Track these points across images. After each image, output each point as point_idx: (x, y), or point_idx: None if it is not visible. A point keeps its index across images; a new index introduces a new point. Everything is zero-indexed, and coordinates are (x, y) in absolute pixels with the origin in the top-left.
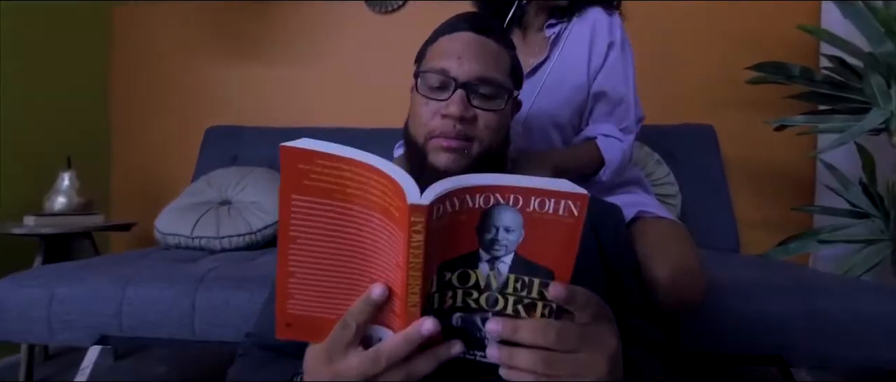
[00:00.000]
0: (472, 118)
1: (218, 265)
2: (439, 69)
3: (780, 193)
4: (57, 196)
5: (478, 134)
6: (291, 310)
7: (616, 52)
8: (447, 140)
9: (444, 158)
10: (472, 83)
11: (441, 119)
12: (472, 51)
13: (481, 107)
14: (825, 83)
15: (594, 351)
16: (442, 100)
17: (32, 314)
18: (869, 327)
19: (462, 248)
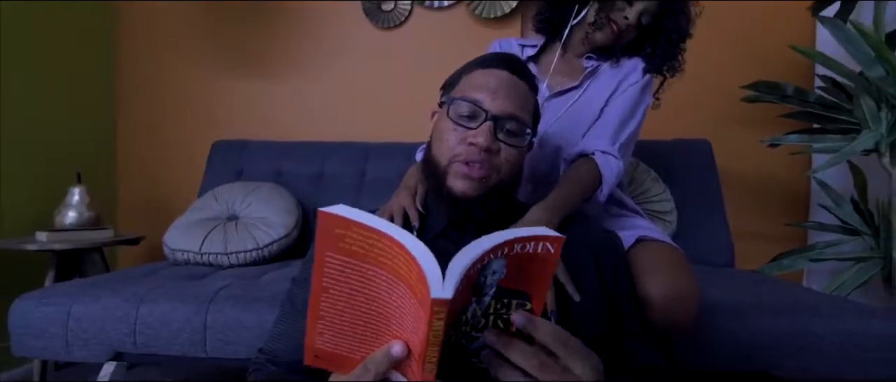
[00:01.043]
0: (497, 150)
1: (228, 283)
2: (472, 99)
3: (775, 208)
4: (68, 211)
5: (499, 165)
6: (319, 345)
7: (636, 88)
8: (469, 167)
9: (462, 185)
10: (501, 118)
11: (467, 146)
12: (505, 88)
13: (506, 141)
14: (817, 103)
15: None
16: (470, 128)
17: (50, 331)
18: (856, 347)
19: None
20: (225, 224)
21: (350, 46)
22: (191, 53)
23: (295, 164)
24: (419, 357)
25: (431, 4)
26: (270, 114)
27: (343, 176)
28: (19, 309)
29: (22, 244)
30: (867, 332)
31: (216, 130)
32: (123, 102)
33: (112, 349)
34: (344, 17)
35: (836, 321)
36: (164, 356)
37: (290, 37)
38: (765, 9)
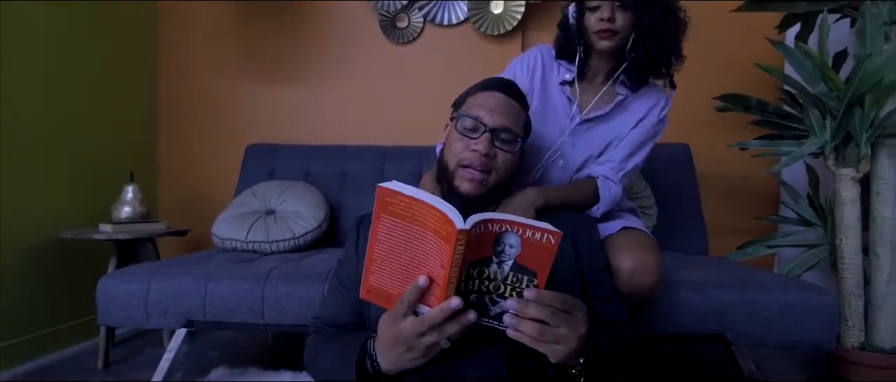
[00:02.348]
0: (494, 155)
1: (276, 265)
2: (475, 116)
3: (747, 204)
4: (123, 206)
5: (496, 167)
6: (372, 283)
7: (650, 124)
8: (472, 172)
9: (467, 186)
10: (497, 129)
11: (470, 152)
12: (501, 108)
13: (501, 148)
14: (775, 113)
15: (570, 330)
16: (473, 139)
17: (132, 303)
18: (794, 314)
19: (482, 254)
20: (265, 217)
21: (368, 60)
22: (225, 65)
23: (321, 165)
24: (443, 284)
25: (441, 22)
26: (297, 120)
27: (364, 175)
28: (105, 286)
29: (90, 234)
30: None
31: (248, 134)
32: (163, 109)
33: (185, 317)
34: (363, 33)
35: (775, 293)
36: (228, 323)
37: (314, 51)
38: (741, 29)
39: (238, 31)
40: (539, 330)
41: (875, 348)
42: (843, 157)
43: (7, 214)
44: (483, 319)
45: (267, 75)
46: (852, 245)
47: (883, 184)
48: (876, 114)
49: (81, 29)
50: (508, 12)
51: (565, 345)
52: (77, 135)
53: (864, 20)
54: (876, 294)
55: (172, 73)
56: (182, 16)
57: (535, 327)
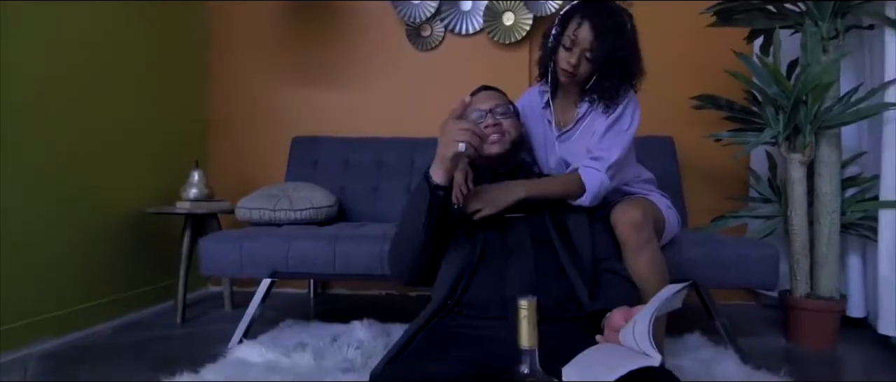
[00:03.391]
0: (499, 122)
1: (342, 229)
2: (476, 108)
3: (722, 187)
4: (191, 188)
5: (505, 129)
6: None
7: (613, 118)
8: (492, 137)
9: (495, 147)
10: (492, 109)
11: (486, 128)
12: (487, 96)
13: (501, 116)
14: (740, 110)
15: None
16: (482, 121)
17: (229, 258)
18: (745, 263)
19: None
20: (286, 195)
21: (397, 64)
22: (270, 67)
23: (359, 155)
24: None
25: (459, 32)
26: (335, 116)
27: (397, 164)
28: (206, 245)
29: (170, 209)
30: (754, 255)
31: (291, 129)
32: (215, 109)
33: (271, 268)
34: (392, 41)
35: (731, 248)
36: (307, 272)
37: (349, 55)
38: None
39: (281, 35)
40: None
41: (817, 296)
42: (792, 145)
43: (98, 192)
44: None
45: (308, 76)
46: (800, 215)
47: (824, 167)
48: (817, 109)
49: (151, 37)
50: (518, 24)
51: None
52: (146, 129)
53: (806, 36)
54: (819, 254)
55: (222, 73)
56: (229, 18)
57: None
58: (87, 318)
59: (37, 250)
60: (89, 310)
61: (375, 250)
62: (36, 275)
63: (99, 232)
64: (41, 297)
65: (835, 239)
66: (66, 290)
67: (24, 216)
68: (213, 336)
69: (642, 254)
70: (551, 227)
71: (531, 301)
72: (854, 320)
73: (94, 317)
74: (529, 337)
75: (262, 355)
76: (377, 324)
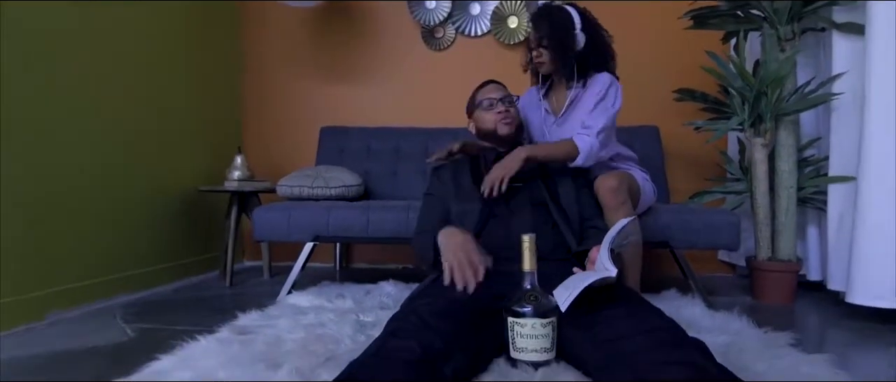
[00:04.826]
0: (508, 109)
1: (371, 203)
2: (487, 98)
3: (700, 170)
4: (234, 170)
5: (513, 114)
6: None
7: (594, 94)
8: (505, 118)
9: (506, 128)
10: (503, 98)
11: (498, 113)
12: (495, 88)
13: (509, 105)
14: (713, 101)
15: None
16: (494, 108)
17: (279, 224)
18: (712, 227)
19: None
20: (321, 175)
21: (412, 62)
22: (298, 64)
23: (380, 143)
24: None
25: (469, 34)
26: (358, 109)
27: (414, 151)
28: (259, 213)
29: (220, 187)
30: (721, 221)
31: (318, 120)
32: (249, 101)
33: (314, 233)
34: (407, 41)
35: (700, 215)
36: (344, 236)
37: (368, 54)
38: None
39: (309, 35)
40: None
41: (777, 259)
42: (756, 131)
43: (159, 172)
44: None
45: (333, 73)
46: (762, 191)
47: (782, 149)
48: (776, 99)
49: (193, 35)
50: (521, 27)
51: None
52: (194, 117)
53: (765, 37)
54: (778, 223)
55: (255, 71)
56: (260, 18)
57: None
58: (152, 279)
59: (114, 217)
60: (153, 273)
61: (402, 217)
62: (113, 239)
63: (160, 207)
64: (117, 258)
65: (792, 210)
66: (133, 255)
67: (101, 192)
68: (261, 294)
69: (618, 213)
70: (545, 192)
71: (531, 236)
72: (812, 283)
73: (156, 279)
74: (530, 262)
75: (310, 301)
76: (401, 284)
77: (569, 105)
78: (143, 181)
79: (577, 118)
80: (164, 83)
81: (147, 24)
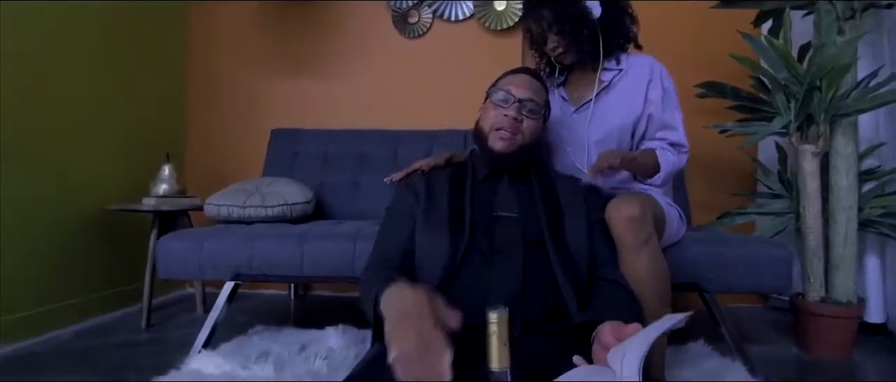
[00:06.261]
0: (521, 120)
1: (311, 228)
2: (506, 89)
3: (726, 181)
4: (161, 183)
5: (522, 131)
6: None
7: (670, 94)
8: (503, 132)
9: (500, 144)
10: (524, 100)
11: (503, 117)
12: (526, 84)
13: (527, 116)
14: (748, 98)
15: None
16: (505, 107)
17: (188, 259)
18: (756, 265)
19: None
20: (258, 191)
21: (382, 53)
22: (248, 58)
23: (340, 147)
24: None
25: (449, 18)
26: (316, 108)
27: (380, 157)
28: (165, 244)
29: (134, 206)
30: (763, 255)
31: (271, 122)
32: (192, 97)
33: (235, 270)
34: (376, 28)
35: (739, 248)
36: (272, 275)
37: (331, 44)
38: (719, 25)
39: (260, 24)
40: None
41: (833, 301)
42: (805, 135)
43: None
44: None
45: (287, 67)
46: (813, 212)
47: (838, 158)
48: (832, 96)
49: (119, 26)
50: (510, 9)
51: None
52: (115, 120)
53: (819, 16)
54: (834, 254)
55: (200, 65)
56: (208, 10)
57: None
58: (45, 323)
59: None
60: (47, 315)
61: (346, 250)
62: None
63: (58, 232)
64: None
65: (852, 238)
66: (21, 293)
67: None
68: (178, 342)
69: (640, 255)
70: (545, 227)
71: (502, 314)
72: (872, 326)
73: (52, 322)
74: (499, 357)
75: (219, 366)
76: (352, 330)
77: (599, 91)
78: (45, 199)
79: (613, 106)
80: (71, 79)
81: (57, 15)
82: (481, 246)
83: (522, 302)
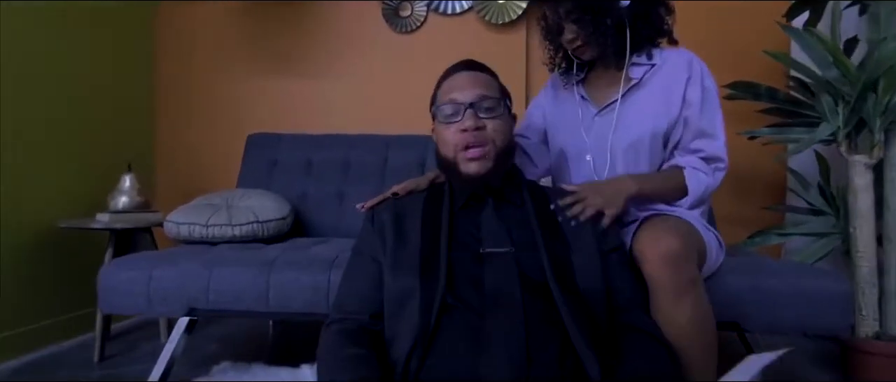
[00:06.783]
0: (483, 126)
1: (282, 252)
2: (449, 100)
3: (755, 194)
4: (121, 196)
5: (490, 137)
6: None
7: (711, 95)
8: (471, 150)
9: (474, 166)
10: (475, 102)
11: (461, 133)
12: (469, 82)
13: (487, 117)
14: (786, 100)
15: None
16: (457, 121)
17: (134, 290)
18: (808, 301)
19: None
20: (227, 207)
21: (371, 49)
22: (223, 54)
23: (324, 154)
24: None
25: (445, 11)
26: (299, 111)
27: (368, 164)
28: (107, 273)
29: (87, 223)
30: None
31: (249, 126)
32: (162, 100)
33: (188, 305)
34: (365, 22)
35: (789, 280)
36: (232, 311)
37: (314, 39)
38: (747, 16)
39: (238, 20)
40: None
41: (890, 337)
42: (855, 144)
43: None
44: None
45: (268, 65)
46: (867, 233)
47: (894, 171)
48: (890, 99)
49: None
50: (512, 2)
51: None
52: (74, 126)
53: (878, 4)
54: (891, 282)
55: (171, 65)
56: (179, 9)
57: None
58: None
59: None
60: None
61: (320, 282)
62: None
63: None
64: None
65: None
66: None
67: None
68: (133, 380)
69: (682, 302)
70: (548, 265)
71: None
72: None
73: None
74: None
75: None
76: None
77: (628, 89)
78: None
79: (644, 107)
80: (32, 84)
81: (6, 13)
82: (465, 296)
83: (528, 371)
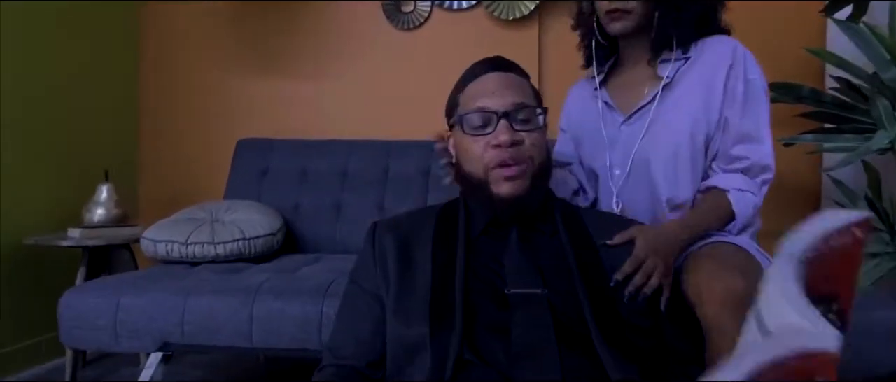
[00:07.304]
0: (520, 141)
1: (268, 277)
2: (477, 108)
3: (786, 207)
4: (96, 208)
5: (528, 153)
6: None
7: (756, 90)
8: (507, 169)
9: (507, 187)
10: (511, 112)
11: (493, 149)
12: (502, 85)
13: (524, 129)
14: (833, 104)
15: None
16: (489, 134)
17: (99, 322)
18: (870, 335)
19: None
20: (211, 223)
21: (371, 47)
22: (212, 53)
23: (320, 161)
24: None
25: (450, 6)
26: (294, 114)
27: (367, 172)
28: (69, 301)
29: (55, 240)
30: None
31: (240, 130)
32: (146, 102)
33: (160, 339)
34: (364, 18)
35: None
36: (210, 345)
37: (309, 37)
38: (777, 11)
39: (227, 18)
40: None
41: None
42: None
43: None
44: None
45: (259, 66)
46: None
47: None
48: None
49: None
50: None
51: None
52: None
53: None
54: None
55: (155, 67)
56: (165, 9)
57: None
58: None
59: None
60: None
61: (311, 313)
62: None
63: None
64: None
65: None
66: None
67: None
68: None
69: None
70: (587, 309)
71: None
72: None
73: None
74: None
75: None
76: None
77: (661, 91)
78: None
79: (678, 109)
80: (2, 82)
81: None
82: (488, 349)
83: None
